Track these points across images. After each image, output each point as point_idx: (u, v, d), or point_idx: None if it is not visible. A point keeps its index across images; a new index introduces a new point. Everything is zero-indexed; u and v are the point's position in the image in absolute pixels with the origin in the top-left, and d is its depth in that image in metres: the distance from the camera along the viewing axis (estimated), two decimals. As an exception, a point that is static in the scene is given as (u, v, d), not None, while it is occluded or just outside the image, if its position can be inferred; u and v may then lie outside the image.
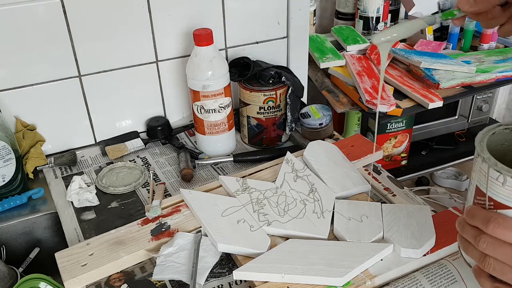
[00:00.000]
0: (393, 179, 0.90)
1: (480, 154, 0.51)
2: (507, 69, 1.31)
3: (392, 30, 0.66)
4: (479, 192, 0.53)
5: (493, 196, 0.51)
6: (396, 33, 0.66)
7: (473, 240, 0.51)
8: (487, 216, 0.50)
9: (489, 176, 0.50)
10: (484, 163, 0.50)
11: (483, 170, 0.51)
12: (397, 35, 0.66)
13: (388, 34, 0.66)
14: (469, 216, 0.52)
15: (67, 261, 0.73)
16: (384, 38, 0.66)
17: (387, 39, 0.66)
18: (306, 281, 0.67)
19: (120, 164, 1.01)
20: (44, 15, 0.92)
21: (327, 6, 1.68)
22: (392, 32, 0.66)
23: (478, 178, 0.52)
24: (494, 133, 0.55)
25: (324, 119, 1.04)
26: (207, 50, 0.93)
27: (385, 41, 0.67)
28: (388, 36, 0.66)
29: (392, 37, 0.66)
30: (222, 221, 0.78)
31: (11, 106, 0.98)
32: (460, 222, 0.54)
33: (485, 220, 0.50)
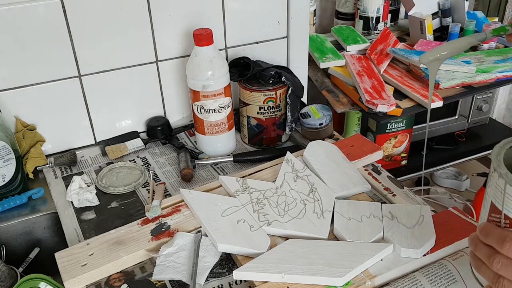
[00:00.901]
0: (393, 179, 0.90)
1: (497, 169, 0.48)
2: (507, 69, 1.31)
3: (441, 48, 0.65)
4: (494, 209, 0.50)
5: (509, 214, 0.48)
6: (446, 51, 0.65)
7: (486, 260, 0.49)
8: (503, 235, 0.48)
9: (506, 193, 0.47)
10: (500, 179, 0.48)
11: (500, 186, 0.48)
12: (447, 53, 0.65)
13: (438, 52, 0.65)
14: (483, 234, 0.50)
15: (67, 261, 0.73)
16: (433, 57, 0.65)
17: (435, 58, 0.65)
18: (306, 281, 0.67)
19: (120, 164, 1.01)
20: (44, 15, 0.92)
21: (327, 6, 1.68)
22: (441, 51, 0.65)
23: (494, 195, 0.50)
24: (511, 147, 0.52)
25: (324, 119, 1.04)
26: (207, 50, 0.93)
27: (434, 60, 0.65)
28: (437, 55, 0.64)
29: (441, 55, 0.65)
30: (222, 221, 0.78)
31: (11, 106, 0.98)
32: (473, 239, 0.52)
33: (500, 239, 0.48)
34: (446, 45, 0.65)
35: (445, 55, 0.65)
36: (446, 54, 0.65)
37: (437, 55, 0.65)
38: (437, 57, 0.65)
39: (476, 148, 1.59)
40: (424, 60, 0.66)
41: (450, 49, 0.65)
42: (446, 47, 0.65)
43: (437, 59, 0.65)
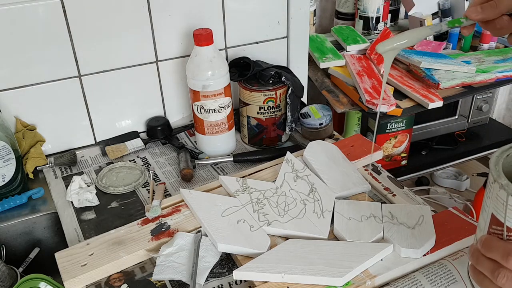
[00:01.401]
0: (393, 179, 0.90)
1: (497, 180, 0.47)
2: (507, 69, 1.31)
3: (397, 38, 0.65)
4: (495, 221, 0.48)
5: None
6: (402, 41, 0.65)
7: (490, 274, 0.48)
8: (507, 249, 0.46)
9: (509, 204, 0.45)
10: (502, 190, 0.46)
11: (501, 198, 0.46)
12: (403, 43, 0.65)
13: (393, 42, 0.65)
14: (485, 248, 0.48)
15: (67, 261, 0.73)
16: (389, 46, 0.65)
17: (392, 47, 0.65)
18: (306, 281, 0.67)
19: (120, 164, 1.01)
20: (44, 15, 0.92)
21: (327, 6, 1.68)
22: (397, 41, 0.65)
23: (495, 206, 0.48)
24: (508, 155, 0.51)
25: (324, 119, 1.04)
26: (207, 50, 0.93)
27: (390, 49, 0.65)
28: (394, 44, 0.65)
29: (397, 45, 0.65)
30: (222, 221, 0.78)
31: (11, 106, 0.98)
32: (474, 252, 0.50)
33: (505, 253, 0.46)
34: (402, 35, 0.65)
35: (401, 45, 0.65)
36: (402, 44, 0.65)
37: (394, 45, 0.65)
38: (393, 47, 0.65)
39: (476, 148, 1.60)
40: (380, 50, 0.66)
41: (406, 39, 0.65)
42: (402, 37, 0.65)
43: (393, 49, 0.65)
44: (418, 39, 0.66)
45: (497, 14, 0.62)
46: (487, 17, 0.62)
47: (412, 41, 0.66)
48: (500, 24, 0.62)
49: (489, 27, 0.64)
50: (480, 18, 0.62)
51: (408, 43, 0.65)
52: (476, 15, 0.62)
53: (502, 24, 0.63)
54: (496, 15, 0.62)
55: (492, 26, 0.63)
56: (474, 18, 0.63)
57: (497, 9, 0.61)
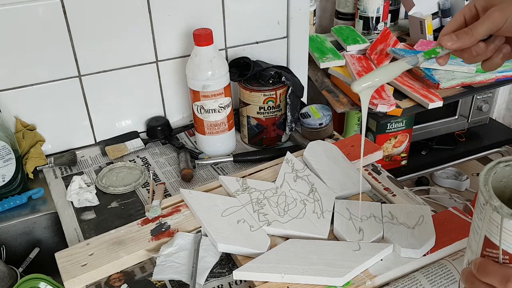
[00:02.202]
0: (393, 179, 0.90)
1: (490, 202, 0.44)
2: (507, 69, 1.31)
3: (373, 75, 0.62)
4: (489, 243, 0.46)
5: (508, 249, 0.44)
6: (378, 77, 0.62)
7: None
8: (506, 274, 0.44)
9: (504, 227, 0.43)
10: (495, 212, 0.43)
11: (495, 221, 0.44)
12: (379, 80, 0.62)
13: (370, 79, 0.62)
14: (481, 273, 0.46)
15: (67, 261, 0.73)
16: (365, 84, 0.62)
17: (368, 85, 0.62)
18: (306, 281, 0.67)
19: (120, 164, 1.01)
20: (44, 15, 0.92)
21: (327, 6, 1.68)
22: (373, 77, 0.62)
23: (488, 228, 0.45)
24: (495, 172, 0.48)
25: (324, 119, 1.04)
26: (207, 50, 0.93)
27: (367, 87, 0.62)
28: (370, 82, 0.62)
29: (374, 82, 0.62)
30: (222, 221, 0.78)
31: (11, 106, 0.98)
32: (468, 277, 0.48)
33: (503, 278, 0.44)
34: (378, 71, 0.62)
35: (378, 81, 0.62)
36: (379, 81, 0.62)
37: (370, 82, 0.61)
38: (369, 84, 0.62)
39: (476, 148, 1.60)
40: (357, 88, 0.62)
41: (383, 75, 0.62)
42: (378, 73, 0.62)
43: (370, 87, 0.62)
44: (395, 74, 0.63)
45: (473, 42, 0.59)
46: (464, 45, 0.59)
47: (389, 77, 0.63)
48: (477, 51, 0.61)
49: (465, 55, 0.62)
50: (456, 47, 0.60)
51: (384, 79, 0.62)
52: (452, 44, 0.60)
53: (479, 51, 0.61)
54: (472, 43, 0.59)
55: (468, 53, 0.61)
56: (450, 47, 0.60)
57: (473, 37, 0.59)
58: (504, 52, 0.62)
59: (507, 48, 0.63)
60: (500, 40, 0.62)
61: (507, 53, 0.63)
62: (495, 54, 0.63)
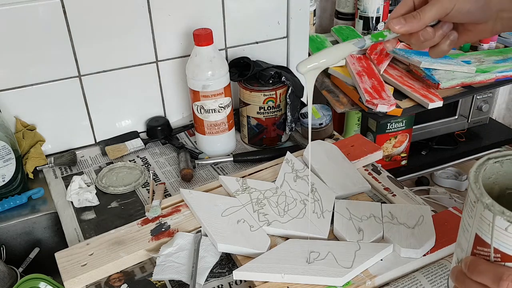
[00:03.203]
0: (393, 179, 0.90)
1: (481, 199, 0.43)
2: (507, 69, 1.31)
3: (319, 56, 0.60)
4: (480, 241, 0.45)
5: (500, 247, 0.43)
6: (324, 58, 0.60)
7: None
8: (498, 273, 0.43)
9: (495, 225, 0.42)
10: (487, 210, 0.43)
11: (486, 219, 0.43)
12: (325, 61, 0.60)
13: (315, 60, 0.60)
14: (472, 271, 0.45)
15: (67, 261, 0.73)
16: (311, 65, 0.60)
17: (314, 66, 0.60)
18: (306, 281, 0.67)
19: (120, 164, 1.01)
20: (44, 15, 0.92)
21: (327, 6, 1.68)
22: (319, 59, 0.60)
23: (479, 226, 0.44)
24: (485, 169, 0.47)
25: (324, 119, 1.04)
26: (207, 50, 0.93)
27: (312, 68, 0.60)
28: (315, 63, 0.60)
29: (320, 63, 0.60)
30: (222, 221, 0.78)
31: (11, 106, 0.98)
32: (458, 276, 0.47)
33: (496, 277, 0.43)
34: (324, 52, 0.61)
35: (324, 63, 0.60)
36: (325, 62, 0.60)
37: (316, 63, 0.60)
38: (315, 65, 0.60)
39: (476, 148, 1.60)
40: (302, 69, 0.60)
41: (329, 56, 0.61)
42: (324, 54, 0.61)
43: (315, 68, 0.60)
44: (341, 56, 0.62)
45: (421, 26, 0.59)
46: (411, 29, 0.59)
47: (335, 59, 0.61)
48: (424, 36, 0.60)
49: (412, 40, 0.61)
50: (403, 31, 0.59)
51: (331, 61, 0.61)
52: (399, 28, 0.59)
53: (426, 36, 0.60)
54: (420, 27, 0.59)
55: (416, 38, 0.60)
56: (397, 30, 0.59)
57: (421, 21, 0.58)
58: (452, 38, 0.62)
59: (454, 35, 0.63)
60: (448, 27, 0.62)
61: (454, 40, 0.63)
62: (443, 40, 0.62)
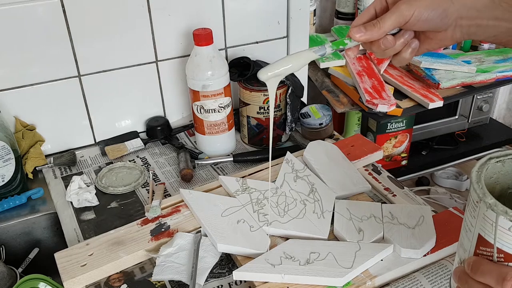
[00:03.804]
0: (393, 179, 0.90)
1: (483, 199, 0.43)
2: (507, 69, 1.31)
3: (279, 63, 0.62)
4: (482, 241, 0.45)
5: (503, 247, 0.43)
6: (284, 66, 0.62)
7: None
8: (501, 273, 0.43)
9: (498, 225, 0.42)
10: (489, 210, 0.43)
11: (489, 218, 0.43)
12: (286, 69, 0.62)
13: (276, 68, 0.62)
14: (476, 272, 0.45)
15: (66, 261, 0.73)
16: (271, 73, 0.62)
17: (274, 74, 0.62)
18: (306, 281, 0.67)
19: (119, 164, 1.01)
20: (44, 15, 0.92)
21: (327, 6, 1.68)
22: (280, 66, 0.62)
23: (482, 226, 0.44)
24: (487, 168, 0.48)
25: (324, 119, 1.04)
26: (207, 50, 0.93)
27: (273, 75, 0.62)
28: (276, 71, 0.62)
29: (280, 71, 0.62)
30: (222, 221, 0.78)
31: (11, 106, 0.98)
32: (461, 276, 0.47)
33: (499, 277, 0.43)
34: (284, 60, 0.62)
35: (284, 70, 0.62)
36: (286, 69, 0.62)
37: (276, 71, 0.62)
38: (275, 73, 0.62)
39: (476, 148, 1.59)
40: (263, 77, 0.62)
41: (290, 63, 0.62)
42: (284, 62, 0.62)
43: (276, 75, 0.62)
44: (302, 63, 0.63)
45: (382, 34, 0.60)
46: (371, 37, 0.60)
47: (296, 66, 0.63)
48: (385, 44, 0.61)
49: (373, 48, 0.62)
50: (364, 39, 0.60)
51: (292, 68, 0.62)
52: (360, 36, 0.60)
53: (387, 44, 0.61)
54: (380, 35, 0.60)
55: (377, 46, 0.62)
56: (358, 39, 0.60)
57: (381, 29, 0.59)
58: (413, 47, 0.63)
59: (415, 43, 0.63)
60: (410, 35, 0.63)
61: (416, 48, 0.63)
62: (404, 48, 0.63)
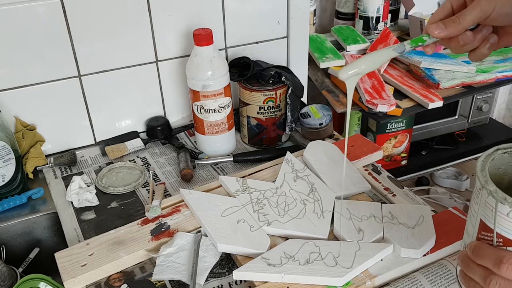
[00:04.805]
0: (393, 179, 0.90)
1: (485, 187, 0.46)
2: (507, 69, 1.31)
3: (360, 62, 0.63)
4: (484, 227, 0.48)
5: (502, 232, 0.46)
6: (365, 65, 0.62)
7: (482, 281, 0.47)
8: (499, 256, 0.45)
9: (498, 211, 0.45)
10: (490, 197, 0.45)
11: (490, 205, 0.46)
12: (366, 67, 0.63)
13: (356, 67, 0.62)
14: (476, 255, 0.47)
15: (67, 261, 0.73)
16: (352, 71, 0.62)
17: (355, 73, 0.62)
18: (306, 281, 0.67)
19: (120, 164, 1.01)
20: (44, 15, 0.92)
21: (327, 6, 1.68)
22: (360, 65, 0.62)
23: (484, 212, 0.47)
24: (493, 159, 0.50)
25: (324, 119, 1.04)
26: (207, 50, 0.93)
27: (353, 74, 0.62)
28: (356, 69, 0.62)
29: (360, 69, 0.62)
30: (222, 221, 0.78)
31: (11, 106, 0.98)
32: (463, 259, 0.49)
33: (497, 260, 0.45)
34: (365, 59, 0.63)
35: (364, 69, 0.62)
36: (366, 68, 0.63)
37: (356, 69, 0.62)
38: (356, 72, 0.62)
39: (476, 148, 1.59)
40: (343, 76, 0.63)
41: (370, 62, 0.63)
42: (365, 61, 0.62)
43: (357, 74, 0.62)
44: (381, 61, 0.64)
45: (461, 30, 0.59)
46: (451, 33, 0.59)
47: (376, 65, 0.63)
48: (464, 40, 0.60)
49: (452, 44, 0.62)
50: (443, 35, 0.60)
51: (371, 66, 0.63)
52: (439, 32, 0.59)
53: (466, 40, 0.60)
54: (459, 31, 0.59)
55: (455, 42, 0.61)
56: (437, 35, 0.60)
57: (461, 25, 0.58)
58: (492, 42, 0.62)
59: (494, 38, 0.63)
60: (488, 30, 0.62)
61: (494, 43, 0.63)
62: (483, 44, 0.62)
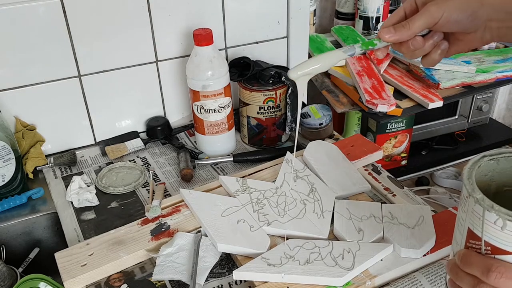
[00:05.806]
0: (393, 179, 0.90)
1: (472, 195, 0.46)
2: (507, 69, 1.31)
3: (310, 63, 0.64)
4: (472, 235, 0.47)
5: (490, 240, 0.45)
6: (314, 66, 0.64)
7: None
8: (487, 264, 0.45)
9: (485, 219, 0.45)
10: (477, 205, 0.45)
11: (477, 213, 0.45)
12: (315, 68, 0.64)
13: (306, 67, 0.63)
14: (464, 263, 0.47)
15: (67, 261, 0.73)
16: (301, 72, 0.63)
17: (304, 73, 0.63)
18: (306, 281, 0.67)
19: (120, 164, 1.01)
20: (44, 15, 0.92)
21: (327, 6, 1.68)
22: (310, 65, 0.64)
23: (471, 221, 0.47)
24: (479, 166, 0.50)
25: (324, 119, 1.04)
26: (207, 50, 0.93)
27: (303, 74, 0.64)
28: (306, 69, 0.63)
29: (310, 70, 0.64)
30: (222, 221, 0.78)
31: (11, 106, 0.98)
32: (452, 268, 0.49)
33: (485, 269, 0.45)
34: (315, 60, 0.64)
35: (314, 70, 0.63)
36: (316, 69, 0.64)
37: (306, 70, 0.63)
38: (305, 72, 0.63)
39: (476, 148, 1.59)
40: (293, 75, 0.64)
41: (319, 63, 0.64)
42: (315, 62, 0.64)
43: (306, 74, 0.64)
44: (332, 63, 0.64)
45: (411, 35, 0.61)
46: (401, 38, 0.61)
47: (325, 66, 0.64)
48: (414, 45, 0.62)
49: (403, 49, 0.64)
50: (393, 40, 0.62)
51: (321, 67, 0.64)
52: (389, 37, 0.62)
53: (416, 45, 0.62)
54: (409, 36, 0.61)
55: (406, 47, 0.63)
56: (387, 39, 0.62)
57: (410, 30, 0.60)
58: (442, 48, 0.64)
59: (445, 45, 0.64)
60: (439, 36, 0.64)
61: (445, 49, 0.65)
62: (434, 50, 0.64)
